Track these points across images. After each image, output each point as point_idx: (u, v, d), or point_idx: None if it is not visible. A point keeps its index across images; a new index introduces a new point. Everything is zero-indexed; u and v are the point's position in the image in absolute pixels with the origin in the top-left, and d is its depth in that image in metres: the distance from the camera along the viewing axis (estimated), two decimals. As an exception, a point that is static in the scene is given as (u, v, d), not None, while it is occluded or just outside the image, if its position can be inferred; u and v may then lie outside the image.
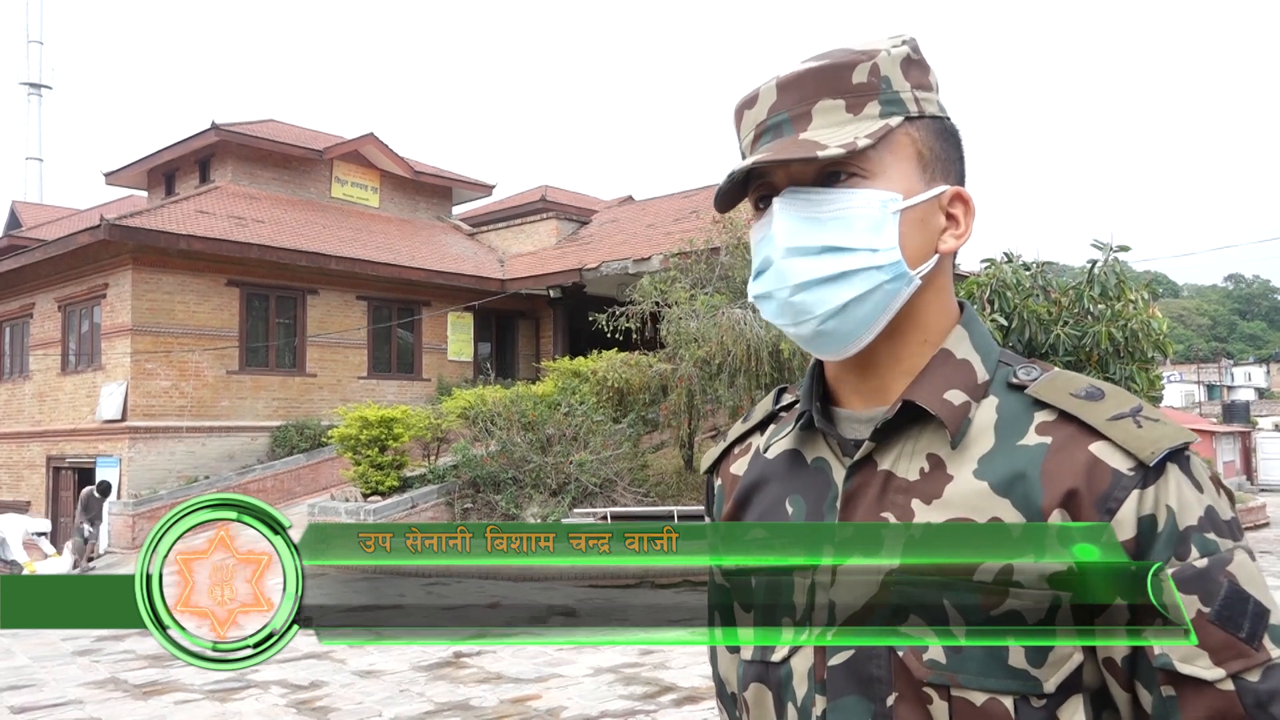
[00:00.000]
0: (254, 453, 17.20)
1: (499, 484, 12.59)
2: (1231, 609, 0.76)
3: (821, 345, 0.92)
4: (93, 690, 6.49)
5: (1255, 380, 69.51)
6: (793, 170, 0.89)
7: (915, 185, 0.90)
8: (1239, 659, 0.76)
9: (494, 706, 6.05)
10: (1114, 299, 9.99)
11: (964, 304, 0.97)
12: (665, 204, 22.59)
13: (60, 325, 18.01)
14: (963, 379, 0.90)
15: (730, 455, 1.09)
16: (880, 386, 0.93)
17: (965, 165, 0.96)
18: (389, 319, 19.72)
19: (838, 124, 0.89)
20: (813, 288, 0.88)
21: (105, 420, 16.14)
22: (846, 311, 0.88)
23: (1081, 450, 0.82)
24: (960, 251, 0.95)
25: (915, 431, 0.89)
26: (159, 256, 16.34)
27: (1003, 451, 0.85)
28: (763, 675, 0.94)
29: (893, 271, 0.88)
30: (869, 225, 0.88)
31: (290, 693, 6.40)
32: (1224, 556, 0.78)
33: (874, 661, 0.85)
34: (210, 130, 19.79)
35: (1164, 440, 0.80)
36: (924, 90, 0.93)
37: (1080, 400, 0.85)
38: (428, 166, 24.19)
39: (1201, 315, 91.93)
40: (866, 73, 0.90)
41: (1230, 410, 38.10)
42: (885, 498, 0.88)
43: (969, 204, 0.94)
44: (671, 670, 6.95)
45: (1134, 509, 0.79)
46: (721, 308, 12.00)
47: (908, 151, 0.90)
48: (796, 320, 0.90)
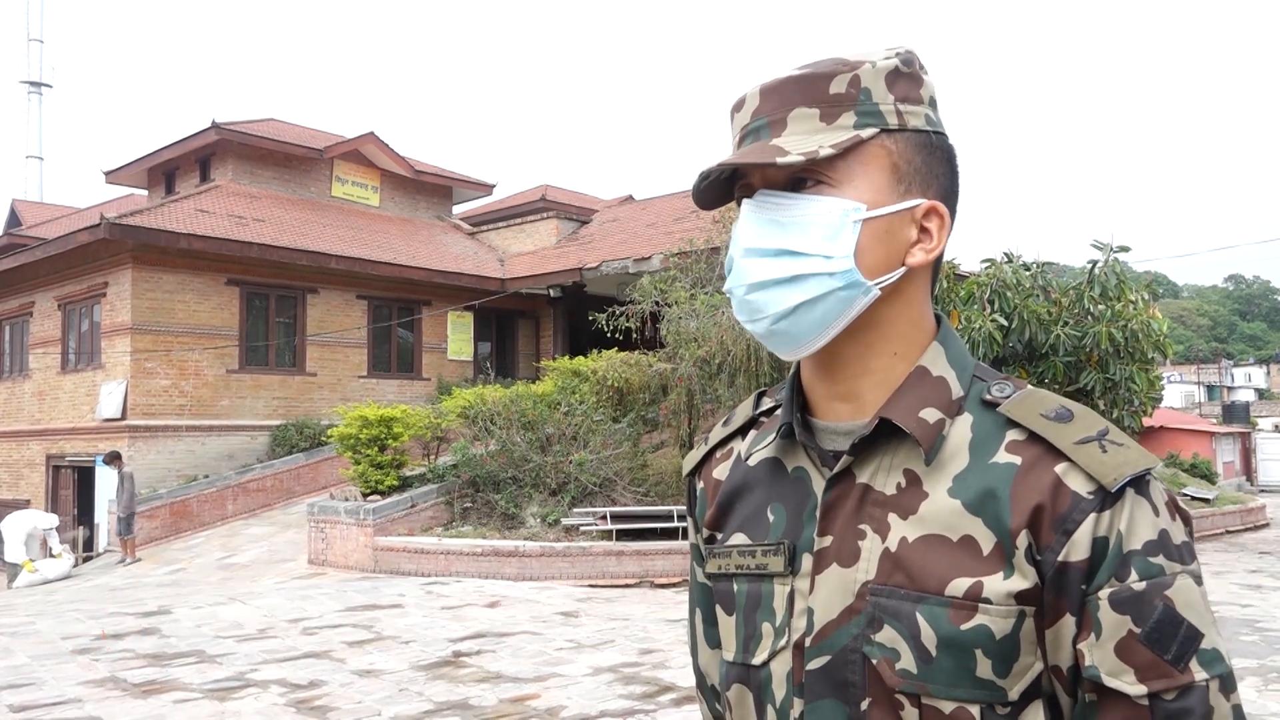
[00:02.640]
0: (253, 452, 17.20)
1: (498, 483, 12.59)
2: (1161, 631, 0.80)
3: (775, 344, 0.94)
4: (92, 689, 6.49)
5: (1255, 381, 69.49)
6: (767, 174, 0.92)
7: (884, 197, 0.91)
8: (1161, 679, 0.80)
9: (493, 706, 6.05)
10: (1114, 299, 9.99)
11: (941, 317, 0.99)
12: (665, 203, 22.59)
13: (60, 324, 18.01)
14: (938, 396, 0.92)
15: (712, 459, 1.11)
16: (850, 393, 0.95)
17: (956, 180, 0.97)
18: (389, 318, 19.72)
19: (809, 132, 0.91)
20: (766, 288, 0.90)
21: (105, 419, 16.14)
22: (797, 314, 0.90)
23: (1048, 472, 0.85)
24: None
25: (892, 447, 0.92)
26: (159, 255, 16.35)
27: (975, 470, 0.88)
28: (744, 677, 0.97)
29: (845, 279, 0.89)
30: (826, 233, 0.89)
31: (289, 692, 6.40)
32: (1164, 580, 0.81)
33: (849, 668, 0.88)
34: (210, 129, 19.79)
35: (1126, 466, 0.83)
36: (911, 104, 0.93)
37: (1049, 421, 0.88)
38: (428, 166, 24.19)
39: (1201, 316, 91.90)
40: (845, 84, 0.91)
41: (1230, 411, 38.13)
42: (863, 510, 0.91)
43: (944, 219, 0.94)
44: (671, 670, 6.94)
45: (1089, 531, 0.82)
46: (721, 307, 11.99)
47: (881, 163, 0.91)
48: (752, 318, 0.93)
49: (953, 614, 0.84)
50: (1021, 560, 0.84)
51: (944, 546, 0.86)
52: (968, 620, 0.84)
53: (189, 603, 9.98)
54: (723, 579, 1.01)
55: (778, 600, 0.94)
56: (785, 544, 0.95)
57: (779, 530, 0.96)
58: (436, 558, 11.45)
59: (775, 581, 0.95)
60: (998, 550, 0.84)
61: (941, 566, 0.85)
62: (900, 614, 0.86)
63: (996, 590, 0.83)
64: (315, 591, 10.61)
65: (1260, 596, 9.98)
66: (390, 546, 11.81)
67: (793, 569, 0.94)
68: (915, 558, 0.87)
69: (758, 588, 0.96)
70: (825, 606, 0.90)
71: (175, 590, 11.26)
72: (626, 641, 7.93)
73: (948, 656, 0.84)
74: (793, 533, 0.95)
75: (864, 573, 0.89)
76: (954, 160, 0.97)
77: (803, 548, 0.93)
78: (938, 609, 0.85)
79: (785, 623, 0.93)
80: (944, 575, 0.85)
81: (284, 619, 8.99)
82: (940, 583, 0.85)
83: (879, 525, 0.90)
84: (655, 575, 10.91)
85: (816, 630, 0.90)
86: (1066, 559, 0.82)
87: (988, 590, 0.83)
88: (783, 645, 0.93)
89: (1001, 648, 0.83)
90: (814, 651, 0.90)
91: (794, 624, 0.92)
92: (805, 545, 0.93)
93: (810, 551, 0.92)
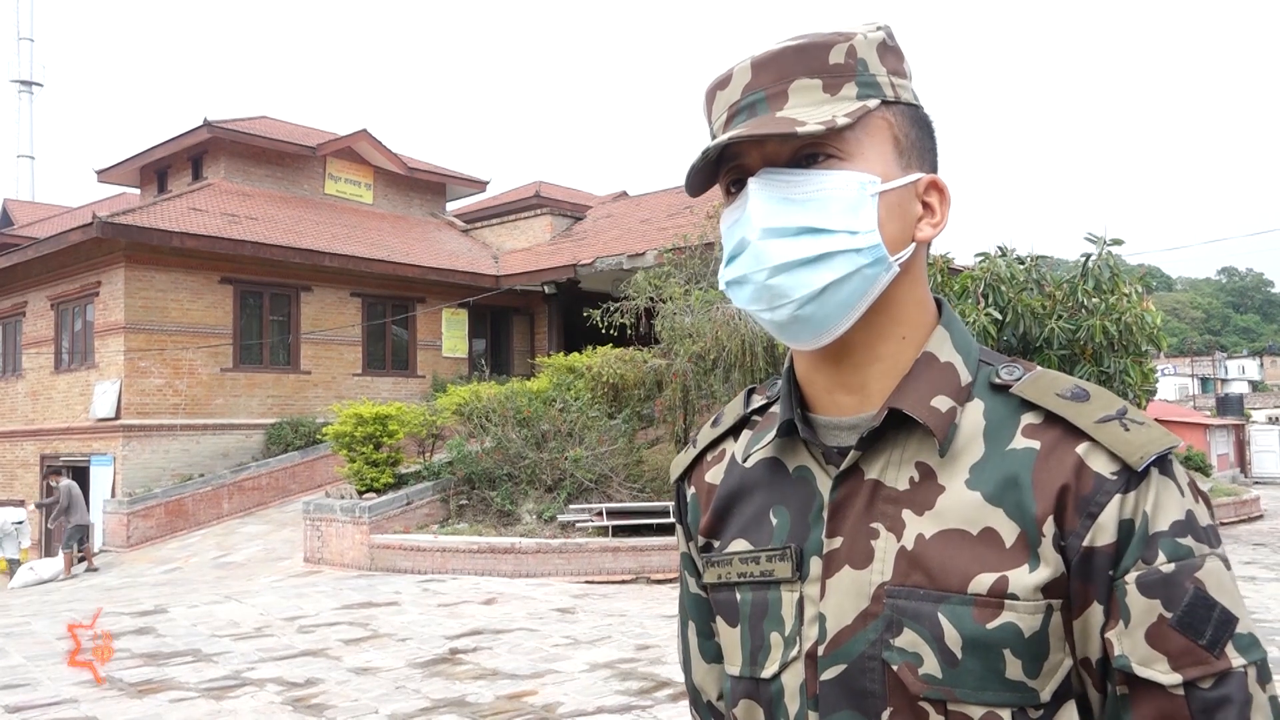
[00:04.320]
0: (248, 450, 17.17)
1: (494, 480, 12.59)
2: (1194, 615, 0.76)
3: (797, 332, 0.87)
4: (87, 689, 6.47)
5: (1249, 373, 69.78)
6: (767, 151, 0.87)
7: (892, 170, 0.87)
8: (1196, 665, 0.75)
9: (490, 703, 6.05)
10: (1108, 292, 10.01)
11: (940, 300, 0.95)
12: (659, 199, 22.57)
13: (53, 323, 17.95)
14: (947, 383, 0.88)
15: (703, 462, 1.05)
16: (856, 384, 0.90)
17: (938, 157, 0.94)
18: (383, 316, 19.69)
19: (815, 103, 0.86)
20: (791, 270, 0.84)
21: (99, 419, 16.10)
22: (825, 295, 0.85)
23: (1069, 453, 0.81)
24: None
25: (902, 439, 0.87)
26: (152, 254, 16.30)
27: (993, 458, 0.84)
28: (753, 691, 0.91)
29: (872, 255, 0.85)
30: (847, 206, 0.84)
31: (286, 690, 6.39)
32: (1194, 562, 0.77)
33: (868, 676, 0.83)
34: (203, 127, 19.73)
35: (1151, 445, 0.79)
36: (899, 77, 0.91)
37: (1066, 401, 0.84)
38: (421, 163, 24.14)
39: (1195, 308, 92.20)
40: (844, 54, 0.87)
41: (1224, 403, 38.21)
42: (874, 508, 0.86)
43: (944, 193, 0.91)
44: (668, 665, 6.95)
45: (1115, 513, 0.78)
46: (716, 303, 11.98)
47: (884, 135, 0.88)
48: (773, 304, 0.86)
49: (977, 612, 0.79)
50: (1048, 549, 0.79)
51: (964, 541, 0.81)
52: (994, 618, 0.79)
53: (185, 602, 9.96)
54: (723, 588, 0.95)
55: (786, 608, 0.89)
56: (791, 548, 0.89)
57: (783, 534, 0.91)
58: (432, 555, 11.44)
59: (782, 588, 0.89)
60: (1021, 541, 0.80)
61: (963, 563, 0.81)
62: (921, 615, 0.81)
63: (1023, 584, 0.79)
64: (311, 589, 10.60)
65: (1255, 588, 10.01)
66: (386, 544, 11.80)
67: (800, 574, 0.88)
68: (934, 555, 0.82)
69: (763, 596, 0.91)
70: (838, 612, 0.85)
71: (171, 589, 11.23)
72: (623, 637, 7.93)
73: (974, 658, 0.79)
74: (798, 536, 0.90)
75: (879, 574, 0.84)
76: (935, 137, 0.94)
77: (810, 551, 0.88)
78: (961, 608, 0.80)
79: (796, 632, 0.88)
80: (966, 572, 0.80)
81: (280, 617, 8.98)
82: (962, 580, 0.80)
83: (893, 523, 0.85)
84: (651, 571, 10.91)
85: (830, 638, 0.85)
86: (1092, 544, 0.78)
87: (1013, 585, 0.79)
88: (794, 656, 0.88)
89: (1031, 646, 0.79)
90: (828, 661, 0.85)
91: (805, 632, 0.87)
92: (813, 548, 0.88)
93: (819, 554, 0.87)
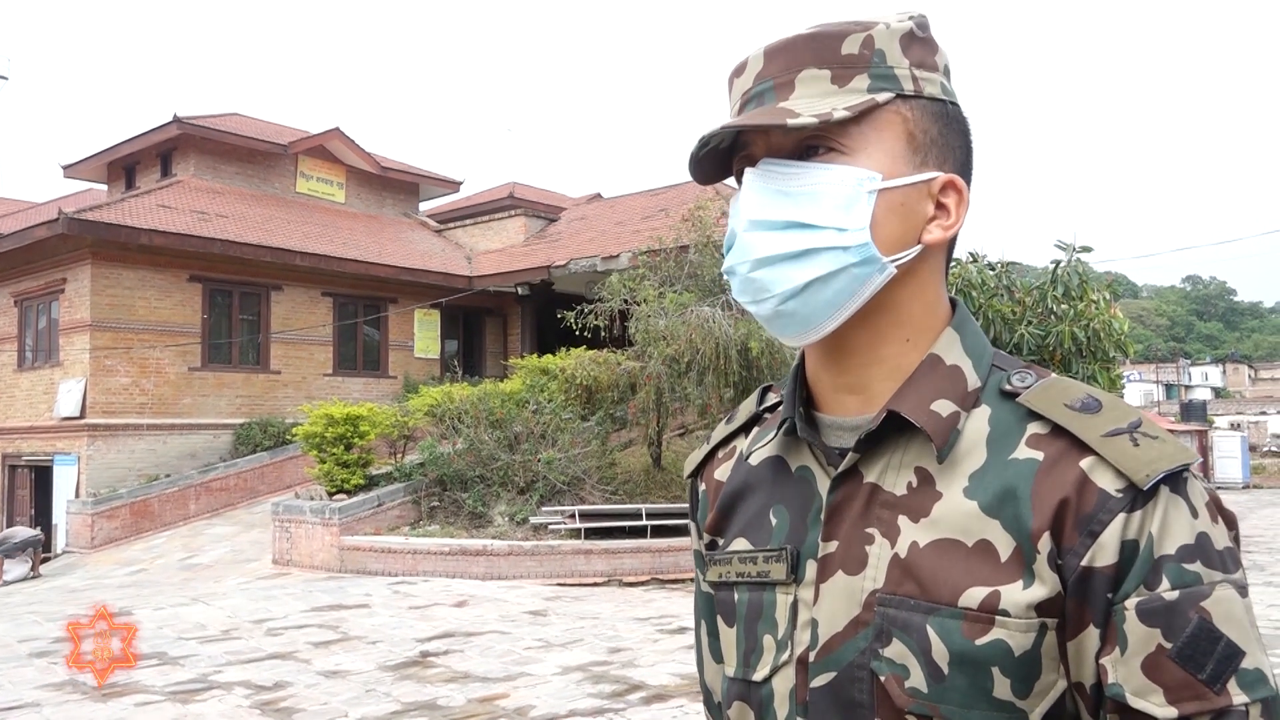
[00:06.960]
0: (216, 451, 16.98)
1: (466, 482, 12.53)
2: (1196, 647, 0.71)
3: (782, 327, 0.86)
4: (51, 692, 6.37)
5: (1212, 380, 71.00)
6: (772, 142, 0.85)
7: (901, 167, 0.84)
8: (1194, 700, 0.71)
9: (461, 706, 6.01)
10: (1076, 299, 10.15)
11: (956, 302, 0.91)
12: (634, 201, 22.59)
13: (16, 321, 17.66)
14: (952, 387, 0.85)
15: (714, 459, 1.04)
16: (858, 385, 0.88)
17: (971, 156, 0.90)
18: (355, 316, 19.54)
19: (820, 95, 0.83)
20: (773, 264, 0.83)
21: (63, 417, 15.85)
22: (808, 293, 0.83)
23: (1072, 467, 0.77)
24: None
25: (902, 442, 0.84)
26: (119, 251, 16.08)
27: (993, 467, 0.80)
28: (745, 694, 0.90)
29: (860, 255, 0.82)
30: (839, 203, 0.82)
31: (254, 693, 6.32)
32: (1200, 590, 0.73)
33: (856, 686, 0.81)
34: (172, 123, 19.48)
35: (1161, 461, 0.75)
36: (926, 70, 0.87)
37: (1074, 412, 0.80)
38: (394, 162, 23.99)
39: (1160, 316, 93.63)
40: (859, 44, 0.84)
41: (1188, 409, 38.81)
42: (870, 512, 0.84)
43: (962, 194, 0.87)
44: (640, 668, 6.95)
45: (1118, 533, 0.74)
46: (690, 305, 12.01)
47: (896, 131, 0.84)
48: (756, 298, 0.85)
49: (966, 627, 0.76)
50: (1043, 566, 0.76)
51: (958, 552, 0.78)
52: (983, 634, 0.76)
53: (151, 604, 9.82)
54: (724, 588, 0.93)
55: (780, 611, 0.87)
56: (788, 549, 0.87)
57: (781, 534, 0.89)
58: (403, 557, 11.36)
59: (777, 590, 0.87)
60: (1016, 556, 0.77)
61: (955, 574, 0.78)
62: (910, 626, 0.78)
63: (1015, 601, 0.75)
64: (280, 592, 10.49)
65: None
66: (356, 546, 11.71)
67: (796, 577, 0.86)
68: (927, 565, 0.79)
69: (759, 597, 0.89)
70: (831, 618, 0.83)
71: (137, 591, 11.07)
72: (595, 640, 7.92)
73: (961, 674, 0.76)
74: (796, 537, 0.88)
75: (872, 581, 0.81)
76: (969, 135, 0.90)
77: (806, 553, 0.86)
78: (950, 621, 0.77)
79: (788, 635, 0.86)
80: (957, 584, 0.77)
81: (248, 620, 8.88)
82: (953, 592, 0.77)
83: (888, 529, 0.82)
84: (624, 574, 10.91)
85: (821, 644, 0.83)
86: (1091, 563, 0.74)
87: (1005, 601, 0.76)
88: (785, 660, 0.86)
89: (1021, 665, 0.75)
90: (818, 667, 0.83)
91: (797, 637, 0.85)
92: (809, 551, 0.86)
93: (814, 557, 0.85)
